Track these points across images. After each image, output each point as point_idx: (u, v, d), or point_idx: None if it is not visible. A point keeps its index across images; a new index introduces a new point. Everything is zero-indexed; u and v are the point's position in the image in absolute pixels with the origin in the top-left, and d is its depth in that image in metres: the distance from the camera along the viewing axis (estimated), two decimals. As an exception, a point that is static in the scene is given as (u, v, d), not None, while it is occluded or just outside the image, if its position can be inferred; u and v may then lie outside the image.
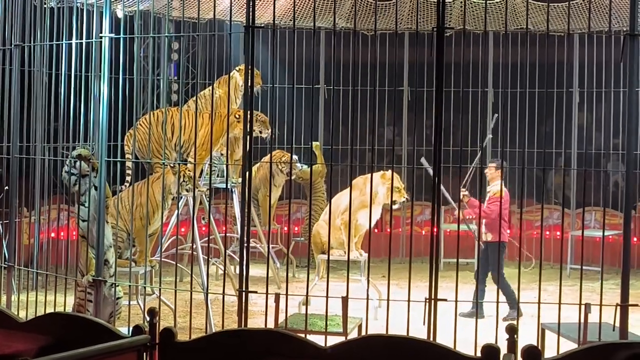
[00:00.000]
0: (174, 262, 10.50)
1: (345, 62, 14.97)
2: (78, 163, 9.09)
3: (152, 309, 5.83)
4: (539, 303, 8.01)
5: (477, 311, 8.44)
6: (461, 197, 11.81)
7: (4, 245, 10.71)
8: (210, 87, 12.67)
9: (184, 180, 10.22)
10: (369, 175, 11.57)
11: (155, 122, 11.30)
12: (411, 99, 16.46)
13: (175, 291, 8.96)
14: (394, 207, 12.13)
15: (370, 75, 13.90)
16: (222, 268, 11.85)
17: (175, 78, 17.43)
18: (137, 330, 5.72)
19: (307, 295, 8.37)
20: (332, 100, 13.11)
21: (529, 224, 16.19)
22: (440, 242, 15.53)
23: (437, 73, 7.83)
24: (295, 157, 14.68)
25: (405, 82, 16.84)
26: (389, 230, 15.85)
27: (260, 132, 12.11)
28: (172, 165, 10.33)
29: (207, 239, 13.25)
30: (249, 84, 8.23)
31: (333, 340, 6.17)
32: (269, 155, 13.91)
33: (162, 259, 11.57)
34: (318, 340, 7.97)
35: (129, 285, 9.60)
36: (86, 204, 9.12)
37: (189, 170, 10.22)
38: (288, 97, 14.51)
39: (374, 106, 8.96)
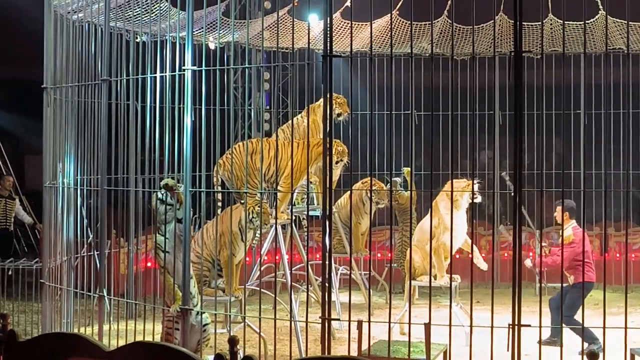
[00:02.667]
0: (265, 291, 10.60)
1: (435, 87, 14.94)
2: (166, 193, 9.26)
3: (233, 338, 5.85)
4: (625, 328, 7.84)
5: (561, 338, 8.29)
6: (542, 250, 11.60)
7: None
8: (297, 117, 12.78)
9: (252, 217, 10.27)
10: (437, 197, 11.52)
11: (243, 152, 11.41)
12: (502, 123, 16.31)
13: (260, 319, 9.02)
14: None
15: (460, 100, 13.82)
16: (312, 295, 11.90)
17: (267, 107, 17.57)
18: (219, 358, 5.75)
19: (389, 322, 8.31)
20: (406, 125, 13.01)
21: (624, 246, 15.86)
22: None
23: (516, 96, 7.74)
24: (399, 179, 14.68)
25: (497, 105, 16.70)
26: (483, 255, 15.78)
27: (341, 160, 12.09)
28: (242, 202, 10.39)
29: (297, 266, 13.43)
30: (328, 112, 8.27)
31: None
32: (358, 183, 14.02)
33: (253, 288, 11.67)
34: (401, 367, 7.98)
35: (215, 314, 9.68)
36: (167, 235, 9.27)
37: (258, 207, 10.26)
38: (379, 123, 14.55)
39: (453, 129, 8.89)
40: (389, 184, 13.68)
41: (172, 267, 9.25)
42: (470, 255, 10.31)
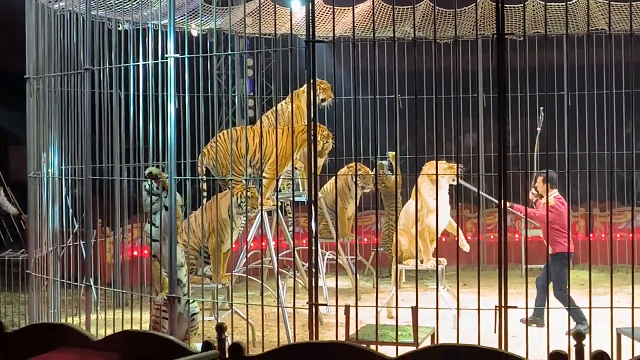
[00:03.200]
0: (252, 278, 10.59)
1: (419, 71, 14.96)
2: (152, 182, 9.25)
3: (221, 325, 5.87)
4: (611, 308, 7.87)
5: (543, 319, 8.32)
6: (530, 197, 11.71)
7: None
8: (281, 103, 12.76)
9: (241, 202, 10.29)
10: (418, 180, 11.50)
11: (228, 139, 11.40)
12: (486, 106, 16.36)
13: (247, 305, 9.03)
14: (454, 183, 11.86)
15: (443, 83, 13.82)
16: (299, 281, 11.92)
17: (251, 94, 17.53)
18: (207, 346, 5.76)
19: (376, 306, 8.32)
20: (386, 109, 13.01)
21: (613, 227, 15.87)
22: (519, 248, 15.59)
23: (499, 78, 7.74)
24: (385, 162, 14.67)
25: (480, 88, 16.73)
26: (469, 238, 15.81)
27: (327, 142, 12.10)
28: (230, 187, 10.41)
29: (284, 252, 13.43)
30: (312, 98, 8.28)
31: (404, 351, 6.13)
32: (344, 168, 14.02)
33: (240, 274, 11.68)
34: (389, 350, 7.99)
35: (202, 302, 9.69)
36: (156, 224, 9.27)
37: (245, 191, 10.27)
38: (363, 108, 14.53)
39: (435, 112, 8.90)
40: (374, 168, 13.71)
41: (161, 256, 9.26)
42: (456, 238, 10.35)
